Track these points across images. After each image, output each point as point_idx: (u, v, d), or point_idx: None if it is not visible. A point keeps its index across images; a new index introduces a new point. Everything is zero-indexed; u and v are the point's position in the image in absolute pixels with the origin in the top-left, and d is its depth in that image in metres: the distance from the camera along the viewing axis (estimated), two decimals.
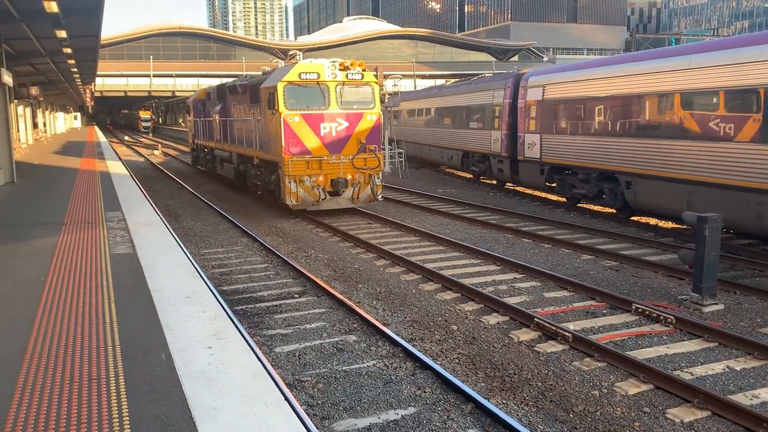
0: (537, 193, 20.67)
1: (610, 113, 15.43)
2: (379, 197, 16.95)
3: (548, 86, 18.10)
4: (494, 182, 23.49)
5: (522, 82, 19.69)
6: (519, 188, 21.99)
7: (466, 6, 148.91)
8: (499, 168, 21.78)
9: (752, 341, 7.41)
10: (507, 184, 22.74)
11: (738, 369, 6.94)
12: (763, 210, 11.26)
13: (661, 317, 8.35)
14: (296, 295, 9.74)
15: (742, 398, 6.23)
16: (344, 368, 6.93)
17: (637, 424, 5.78)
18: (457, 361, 7.24)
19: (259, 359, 4.79)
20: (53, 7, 12.37)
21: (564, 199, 18.48)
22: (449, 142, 26.22)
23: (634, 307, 8.78)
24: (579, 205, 17.95)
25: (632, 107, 14.70)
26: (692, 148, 12.91)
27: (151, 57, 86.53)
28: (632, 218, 15.72)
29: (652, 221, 15.68)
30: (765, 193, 11.16)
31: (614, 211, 16.31)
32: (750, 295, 9.55)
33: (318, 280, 10.23)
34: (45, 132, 47.15)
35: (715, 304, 9.01)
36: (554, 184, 18.37)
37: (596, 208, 17.37)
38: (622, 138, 14.93)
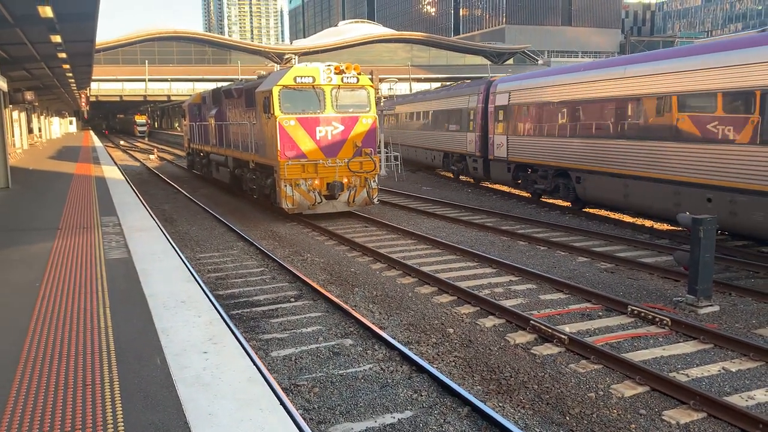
0: (519, 191, 21.39)
1: (562, 117, 17.27)
2: (375, 200, 16.95)
3: (513, 92, 19.95)
4: (471, 180, 25.24)
5: (492, 89, 21.54)
6: (495, 186, 23.60)
7: (461, 9, 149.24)
8: (474, 167, 23.51)
9: (747, 342, 7.43)
10: (482, 182, 24.40)
11: (733, 370, 6.95)
12: (681, 199, 13.02)
13: (657, 319, 8.37)
14: (292, 299, 9.72)
15: (737, 399, 6.24)
16: (340, 372, 6.92)
17: (633, 426, 5.78)
18: (453, 364, 7.23)
19: (255, 364, 4.78)
20: (48, 12, 12.34)
21: (528, 194, 20.22)
22: (432, 144, 27.72)
23: (629, 309, 8.79)
24: (541, 199, 19.56)
25: (579, 112, 16.45)
26: (627, 146, 14.64)
27: (147, 61, 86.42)
28: (584, 210, 17.04)
29: (648, 223, 15.72)
30: (682, 184, 12.98)
31: (569, 204, 17.98)
32: (745, 297, 9.57)
33: (314, 284, 10.22)
34: (40, 137, 47.05)
35: (711, 305, 9.03)
36: (519, 181, 20.19)
37: (558, 201, 18.78)
38: (572, 138, 16.77)
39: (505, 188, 22.48)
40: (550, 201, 19.07)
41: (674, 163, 13.19)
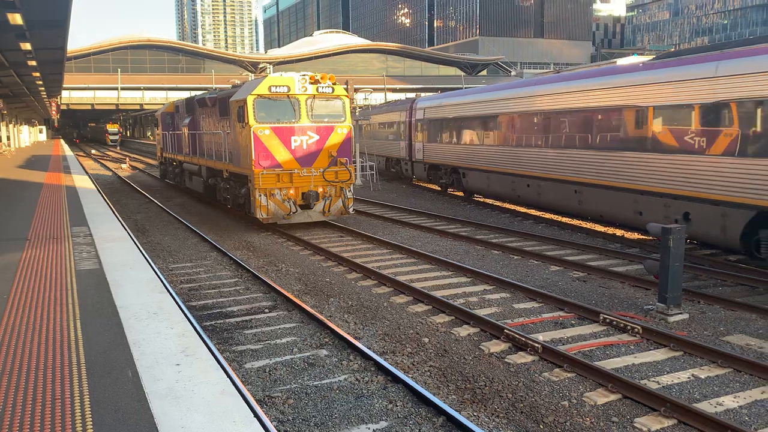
0: (432, 186, 25.17)
1: (454, 129, 22.92)
2: (351, 210, 16.94)
3: (426, 109, 25.42)
4: (410, 180, 29.98)
5: (414, 105, 26.98)
6: (422, 183, 28.79)
7: (435, 21, 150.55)
8: (405, 168, 28.82)
9: (716, 350, 7.57)
10: (411, 180, 29.78)
11: (703, 377, 7.08)
12: (521, 185, 18.19)
13: (628, 327, 8.49)
14: (266, 310, 9.66)
15: (706, 406, 6.35)
16: (315, 383, 6.89)
17: None
18: (428, 373, 7.24)
19: (229, 376, 4.74)
20: (17, 20, 12.18)
21: (438, 188, 25.77)
22: (380, 150, 32.30)
23: (601, 318, 8.90)
24: (448, 191, 25.05)
25: (462, 126, 22.29)
26: (491, 151, 20.24)
27: (119, 70, 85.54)
28: (474, 198, 21.26)
29: (619, 232, 15.96)
30: (522, 176, 18.24)
31: (461, 193, 23.77)
32: (713, 305, 9.76)
33: (289, 295, 10.16)
34: (9, 145, 46.17)
35: (680, 313, 9.19)
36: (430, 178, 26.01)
37: (458, 193, 24.27)
38: (459, 145, 22.52)
39: (433, 186, 27.02)
40: (452, 192, 24.32)
41: (520, 162, 18.53)
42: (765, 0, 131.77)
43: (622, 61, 16.28)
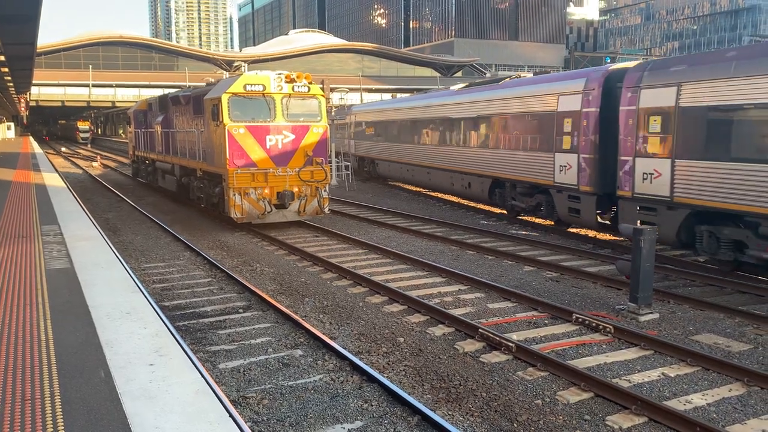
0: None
1: (371, 129, 29.91)
2: (326, 210, 16.90)
3: (357, 114, 32.24)
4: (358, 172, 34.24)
5: (350, 110, 33.93)
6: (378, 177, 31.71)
7: (411, 22, 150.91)
8: (349, 161, 32.71)
9: (685, 349, 7.72)
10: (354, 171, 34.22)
11: (672, 375, 7.21)
12: (413, 173, 24.88)
13: (600, 327, 8.61)
14: (241, 310, 9.60)
15: (676, 404, 6.47)
16: (290, 383, 6.86)
17: (578, 431, 5.92)
18: (403, 373, 7.27)
19: (203, 376, 4.70)
20: None
21: (366, 176, 31.82)
22: (338, 148, 35.89)
23: (574, 317, 9.02)
24: (370, 179, 30.94)
25: (375, 127, 29.27)
26: (395, 147, 26.53)
27: (91, 66, 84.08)
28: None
29: (591, 233, 16.17)
30: (413, 165, 24.70)
31: (375, 178, 30.50)
32: (683, 304, 9.95)
33: (263, 294, 10.11)
34: None
35: (651, 313, 9.35)
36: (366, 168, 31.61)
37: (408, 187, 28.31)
38: (377, 142, 29.03)
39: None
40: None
41: (411, 155, 24.79)
42: (733, 7, 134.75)
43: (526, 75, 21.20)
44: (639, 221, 12.75)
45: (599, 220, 14.97)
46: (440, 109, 22.37)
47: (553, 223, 17.02)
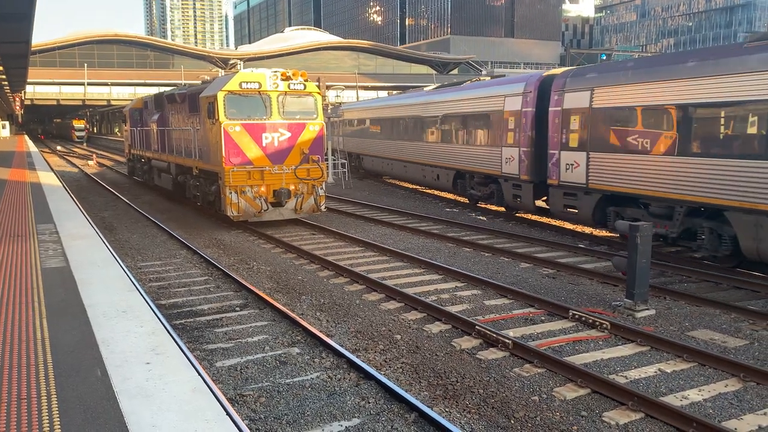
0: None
1: (358, 127, 31.77)
2: (323, 208, 16.89)
3: (345, 112, 34.26)
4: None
5: (340, 109, 36.25)
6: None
7: (407, 19, 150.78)
8: (336, 157, 34.39)
9: (681, 344, 7.74)
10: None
11: (669, 371, 7.23)
12: (392, 166, 26.96)
13: (597, 323, 8.63)
14: (237, 308, 9.59)
15: (672, 399, 6.49)
16: (287, 381, 6.86)
17: (575, 427, 5.94)
18: (400, 370, 7.27)
19: (199, 374, 4.69)
20: None
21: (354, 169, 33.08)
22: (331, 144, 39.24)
23: (571, 314, 9.03)
24: (369, 173, 32.07)
25: (363, 124, 31.05)
26: (380, 143, 28.28)
27: (86, 65, 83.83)
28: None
29: (588, 230, 16.20)
30: (391, 159, 26.87)
31: (363, 171, 32.00)
32: (679, 300, 9.97)
33: (260, 293, 10.10)
34: None
35: (647, 309, 9.37)
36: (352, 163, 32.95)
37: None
38: (362, 139, 31.04)
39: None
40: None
41: (390, 150, 26.93)
42: (728, 3, 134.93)
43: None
44: (564, 204, 15.16)
45: (537, 204, 17.07)
46: (413, 109, 24.51)
47: (504, 209, 19.23)
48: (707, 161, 11.32)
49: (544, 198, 16.63)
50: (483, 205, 20.51)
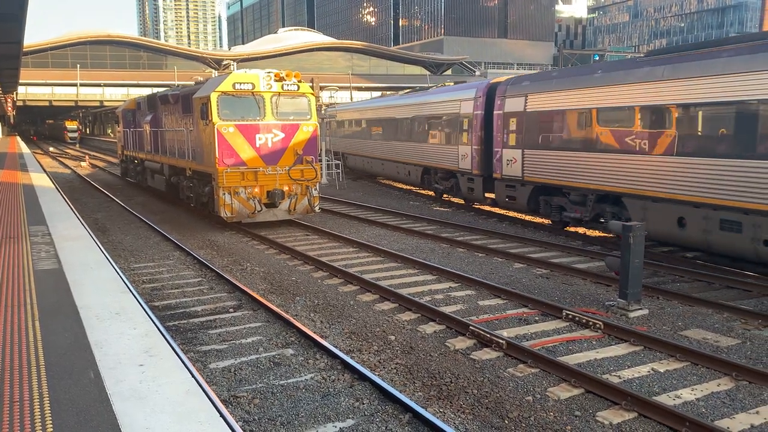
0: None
1: (344, 127, 33.38)
2: (317, 209, 16.88)
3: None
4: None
5: (329, 110, 37.05)
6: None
7: (400, 20, 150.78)
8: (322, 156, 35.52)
9: (674, 344, 7.78)
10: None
11: (662, 371, 7.26)
12: (372, 164, 28.88)
13: (590, 323, 8.65)
14: (231, 310, 9.57)
15: (665, 399, 6.52)
16: (281, 382, 6.85)
17: (569, 427, 5.95)
18: (395, 371, 7.27)
19: (193, 376, 4.68)
20: None
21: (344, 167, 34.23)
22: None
23: (564, 314, 9.05)
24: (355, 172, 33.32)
25: (347, 125, 32.76)
26: (361, 142, 30.35)
27: (78, 65, 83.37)
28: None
29: (581, 230, 16.24)
30: (375, 158, 28.19)
31: (348, 170, 33.02)
32: (672, 300, 10.02)
33: (254, 294, 10.09)
34: None
35: (640, 309, 9.40)
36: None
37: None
38: (347, 139, 32.59)
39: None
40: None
41: (370, 150, 28.98)
42: (719, 4, 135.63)
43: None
44: (506, 195, 17.33)
45: (486, 195, 19.18)
46: (388, 111, 26.91)
47: (463, 201, 21.49)
48: (609, 156, 13.53)
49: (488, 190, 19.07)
50: (446, 198, 22.77)
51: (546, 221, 17.20)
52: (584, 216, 14.53)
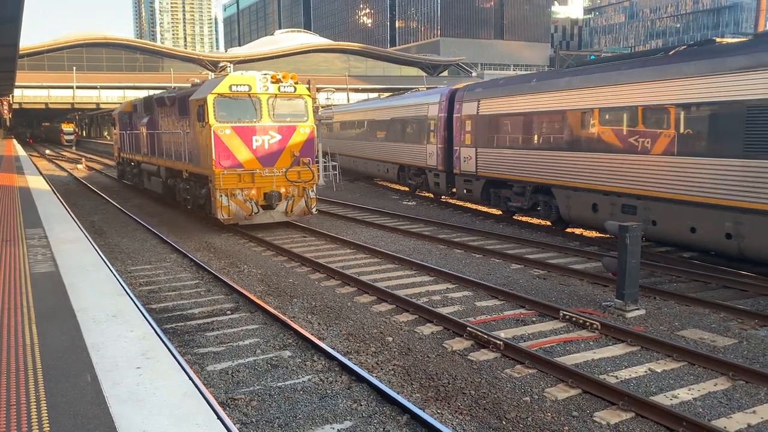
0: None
1: (334, 129, 34.78)
2: (314, 210, 16.87)
3: (325, 116, 35.03)
4: None
5: (323, 112, 38.44)
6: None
7: (397, 21, 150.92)
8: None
9: (671, 344, 7.79)
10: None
11: (659, 371, 7.27)
12: (367, 165, 29.46)
13: (588, 323, 8.66)
14: (228, 312, 9.56)
15: (662, 399, 6.53)
16: (279, 384, 6.85)
17: (566, 428, 5.96)
18: (392, 372, 7.27)
19: (190, 378, 4.68)
20: None
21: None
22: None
23: (561, 314, 9.06)
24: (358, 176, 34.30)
25: (337, 127, 34.21)
26: (348, 143, 31.98)
27: (74, 68, 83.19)
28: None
29: (578, 231, 16.27)
30: (369, 159, 29.06)
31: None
32: (668, 300, 10.03)
33: (251, 296, 10.08)
34: None
35: (637, 309, 9.42)
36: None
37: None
38: (337, 140, 33.75)
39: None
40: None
41: (356, 149, 30.69)
42: (715, 5, 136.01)
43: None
44: (464, 189, 19.63)
45: (452, 190, 21.17)
46: (370, 113, 29.25)
47: (432, 195, 23.69)
48: (541, 153, 15.67)
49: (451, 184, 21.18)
50: (419, 193, 24.91)
51: (538, 221, 17.35)
52: (524, 205, 16.77)
